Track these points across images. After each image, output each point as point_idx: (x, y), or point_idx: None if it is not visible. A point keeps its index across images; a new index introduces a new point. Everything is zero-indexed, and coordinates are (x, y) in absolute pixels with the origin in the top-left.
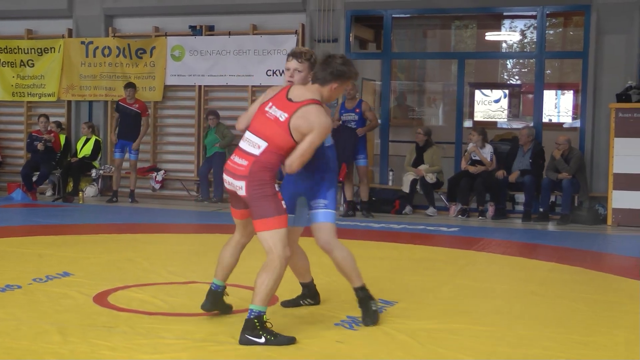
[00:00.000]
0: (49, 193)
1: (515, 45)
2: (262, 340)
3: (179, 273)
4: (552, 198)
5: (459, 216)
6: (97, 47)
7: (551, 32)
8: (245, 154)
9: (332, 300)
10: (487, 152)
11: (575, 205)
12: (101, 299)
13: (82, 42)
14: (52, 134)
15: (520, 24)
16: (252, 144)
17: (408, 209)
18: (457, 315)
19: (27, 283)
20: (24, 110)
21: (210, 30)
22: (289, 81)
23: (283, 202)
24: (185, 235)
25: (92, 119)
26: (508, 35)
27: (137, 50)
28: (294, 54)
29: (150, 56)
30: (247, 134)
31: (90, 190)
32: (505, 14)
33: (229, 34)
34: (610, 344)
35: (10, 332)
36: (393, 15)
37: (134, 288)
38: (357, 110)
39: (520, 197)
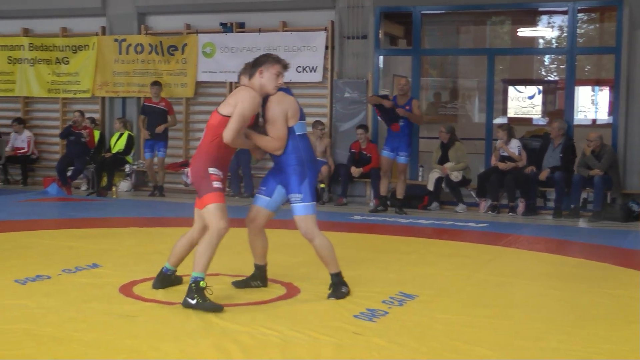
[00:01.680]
0: (83, 187)
1: (553, 40)
2: (194, 302)
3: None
4: (584, 195)
5: (489, 212)
6: (129, 45)
7: (584, 27)
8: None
9: (352, 294)
10: (514, 147)
11: (607, 202)
12: (127, 289)
13: (115, 40)
14: (87, 130)
15: (552, 19)
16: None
17: (434, 205)
18: (475, 309)
19: (57, 274)
20: (59, 107)
21: (241, 27)
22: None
23: (215, 182)
24: None
25: (125, 115)
26: (540, 31)
27: (169, 47)
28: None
29: (182, 53)
30: None
31: (123, 185)
32: (538, 9)
33: (259, 31)
34: (631, 337)
35: (38, 320)
36: (422, 12)
37: None
38: (407, 107)
39: (552, 193)
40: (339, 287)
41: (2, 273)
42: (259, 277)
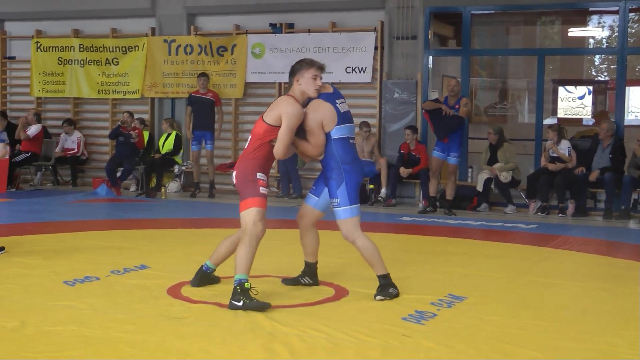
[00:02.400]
0: (132, 188)
1: (603, 40)
2: (240, 303)
3: (253, 267)
4: (634, 196)
5: (539, 213)
6: (179, 45)
7: (635, 27)
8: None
9: (401, 296)
10: (564, 148)
11: None
12: (175, 290)
13: (165, 41)
14: (137, 131)
15: (602, 19)
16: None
17: (483, 206)
18: (523, 311)
19: (105, 275)
20: (109, 107)
21: (290, 27)
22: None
23: (262, 188)
24: None
25: (175, 116)
26: (590, 31)
27: (219, 48)
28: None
29: (231, 54)
30: None
31: (172, 186)
32: (589, 9)
33: (309, 31)
34: None
35: (86, 321)
36: (472, 12)
37: None
38: (457, 106)
39: (602, 194)
40: (386, 289)
41: (52, 274)
42: (308, 274)
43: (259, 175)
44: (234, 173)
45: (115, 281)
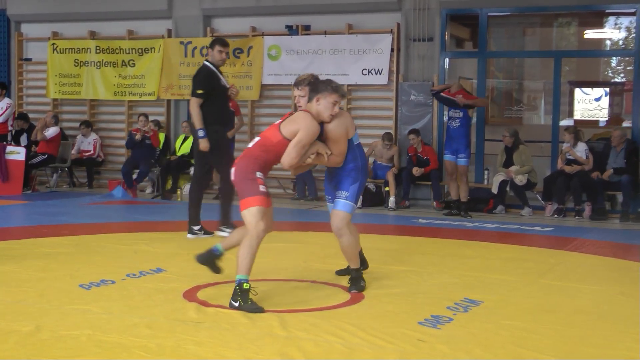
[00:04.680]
0: (148, 190)
1: (620, 42)
2: (237, 304)
3: (268, 270)
4: None
5: (555, 216)
6: (195, 47)
7: None
8: (245, 150)
9: (417, 300)
10: (581, 151)
11: None
12: (191, 294)
13: (181, 42)
14: (152, 132)
15: (619, 21)
16: (253, 142)
17: (500, 208)
18: (540, 315)
19: (121, 278)
20: (125, 109)
21: (307, 29)
22: (298, 107)
23: (262, 186)
24: (278, 233)
25: (190, 118)
26: (607, 32)
27: (235, 49)
28: (295, 84)
29: (248, 56)
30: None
31: (188, 188)
32: (605, 11)
33: (325, 33)
34: None
35: (102, 326)
36: (489, 14)
37: (223, 285)
38: (456, 94)
39: (619, 196)
40: (358, 281)
41: (68, 278)
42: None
43: (258, 174)
44: (233, 170)
45: (131, 285)
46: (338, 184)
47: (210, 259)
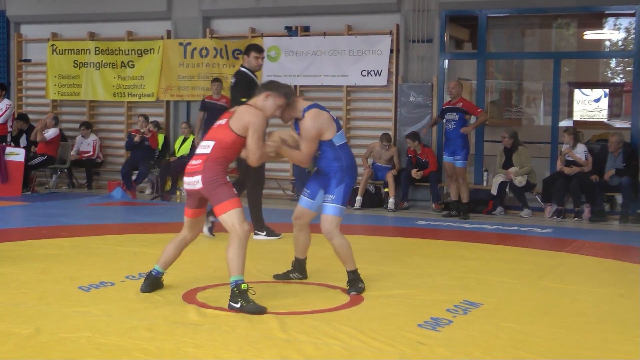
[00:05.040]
0: (148, 191)
1: (619, 43)
2: (238, 305)
3: (268, 272)
4: None
5: (554, 217)
6: (194, 48)
7: None
8: (199, 155)
9: (417, 302)
10: (580, 152)
11: None
12: (190, 296)
13: (181, 44)
14: (151, 133)
15: (618, 22)
16: (204, 146)
17: (499, 209)
18: (540, 317)
19: (120, 280)
20: (124, 110)
21: (306, 30)
22: None
23: (233, 189)
24: None
25: (190, 119)
26: (606, 34)
27: (234, 50)
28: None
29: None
30: (201, 143)
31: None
32: (605, 12)
33: (324, 34)
34: None
35: (101, 328)
36: (488, 15)
37: (223, 287)
38: (456, 103)
39: (620, 198)
40: (356, 283)
41: (67, 279)
42: (298, 270)
43: (228, 178)
44: (199, 177)
45: (130, 286)
46: (325, 187)
47: (155, 283)
